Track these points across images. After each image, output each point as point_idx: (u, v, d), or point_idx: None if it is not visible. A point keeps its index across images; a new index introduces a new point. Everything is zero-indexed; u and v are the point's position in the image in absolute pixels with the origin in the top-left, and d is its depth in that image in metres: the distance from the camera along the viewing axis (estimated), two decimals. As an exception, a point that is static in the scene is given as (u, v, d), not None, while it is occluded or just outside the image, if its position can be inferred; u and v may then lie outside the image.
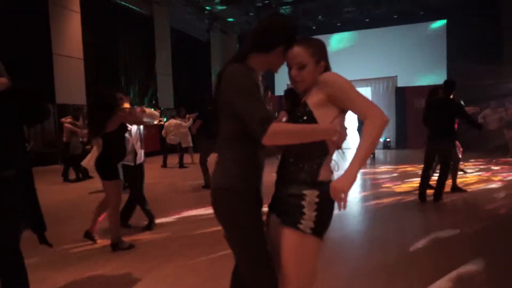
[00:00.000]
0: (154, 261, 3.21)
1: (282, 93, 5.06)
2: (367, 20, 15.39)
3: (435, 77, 14.20)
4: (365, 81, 14.25)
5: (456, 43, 14.34)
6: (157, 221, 4.37)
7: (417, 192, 5.25)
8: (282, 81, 13.15)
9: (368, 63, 15.43)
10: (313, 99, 1.44)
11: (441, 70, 14.59)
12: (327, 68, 1.51)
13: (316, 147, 1.43)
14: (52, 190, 6.73)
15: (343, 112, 1.45)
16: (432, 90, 5.38)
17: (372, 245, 3.52)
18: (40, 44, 10.12)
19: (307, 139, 1.39)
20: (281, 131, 1.35)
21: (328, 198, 1.38)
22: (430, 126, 5.14)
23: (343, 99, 1.39)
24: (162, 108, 13.10)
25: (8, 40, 8.95)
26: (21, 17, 9.53)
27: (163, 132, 9.64)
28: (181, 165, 9.82)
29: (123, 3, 12.97)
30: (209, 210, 4.95)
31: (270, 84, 14.47)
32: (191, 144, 10.08)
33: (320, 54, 1.49)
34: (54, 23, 10.46)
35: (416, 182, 5.97)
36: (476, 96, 9.29)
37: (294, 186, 1.45)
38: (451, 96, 5.02)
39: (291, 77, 1.50)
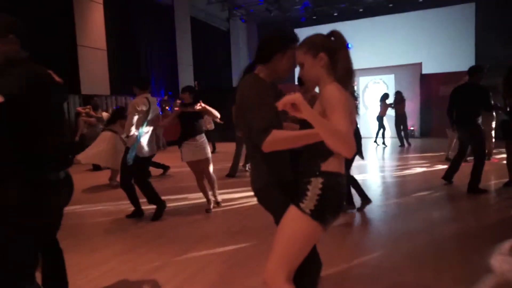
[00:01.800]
0: (181, 247, 3.27)
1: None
2: (390, 5, 14.94)
3: (462, 63, 13.70)
4: (388, 69, 13.90)
5: (485, 27, 13.75)
6: (183, 204, 4.45)
7: (445, 183, 5.33)
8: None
9: (391, 50, 15.02)
10: (317, 109, 1.56)
11: (469, 55, 14.06)
12: (331, 55, 1.54)
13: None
14: (76, 179, 6.94)
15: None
16: None
17: (399, 235, 3.47)
18: (65, 35, 10.33)
19: (303, 143, 1.52)
20: (276, 140, 1.49)
21: (332, 188, 1.50)
22: (456, 112, 4.95)
23: (327, 111, 1.44)
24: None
25: (34, 32, 9.16)
26: (46, 10, 9.74)
27: None
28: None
29: (143, -7, 13.05)
30: (234, 196, 5.01)
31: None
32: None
33: (316, 47, 1.55)
34: (78, 15, 10.64)
35: (442, 170, 5.80)
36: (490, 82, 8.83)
37: (305, 175, 1.56)
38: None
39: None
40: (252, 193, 1.76)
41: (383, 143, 10.91)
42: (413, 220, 3.87)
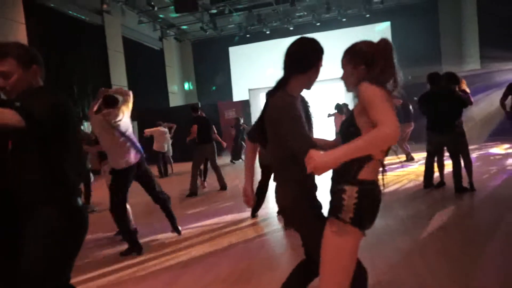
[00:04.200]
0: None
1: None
2: (318, 24, 16.01)
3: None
4: (319, 83, 14.68)
5: (400, 42, 15.46)
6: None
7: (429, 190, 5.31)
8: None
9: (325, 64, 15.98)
10: (357, 109, 1.57)
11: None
12: (381, 69, 1.55)
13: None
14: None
15: None
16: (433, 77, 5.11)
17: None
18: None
19: (353, 157, 1.40)
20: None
21: (368, 195, 1.52)
22: (433, 117, 5.02)
23: (367, 108, 1.42)
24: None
25: None
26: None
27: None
28: (166, 174, 9.73)
29: (70, 12, 12.29)
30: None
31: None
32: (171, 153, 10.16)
33: (358, 59, 1.62)
34: (-1, 37, 9.66)
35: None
36: (416, 92, 9.83)
37: (339, 184, 1.56)
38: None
39: None
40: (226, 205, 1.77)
41: None
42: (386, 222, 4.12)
